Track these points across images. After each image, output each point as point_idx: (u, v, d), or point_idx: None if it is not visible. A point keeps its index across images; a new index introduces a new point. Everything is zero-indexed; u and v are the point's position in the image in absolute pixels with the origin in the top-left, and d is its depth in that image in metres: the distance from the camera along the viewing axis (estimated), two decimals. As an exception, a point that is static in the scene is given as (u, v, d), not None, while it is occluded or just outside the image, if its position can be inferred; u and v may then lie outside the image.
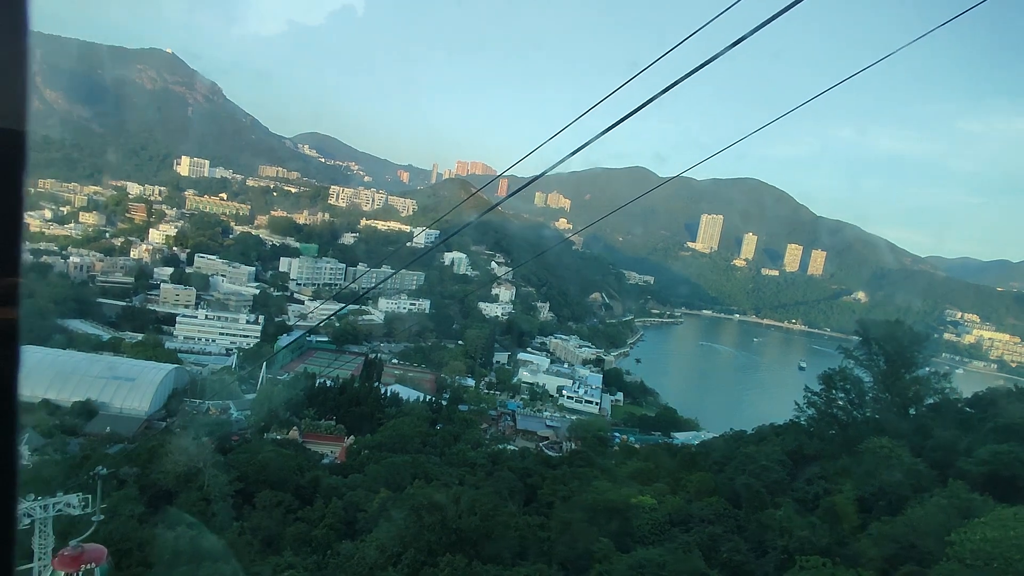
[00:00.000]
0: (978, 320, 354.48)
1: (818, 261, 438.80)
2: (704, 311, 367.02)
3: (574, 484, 33.20)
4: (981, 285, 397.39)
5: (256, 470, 36.93)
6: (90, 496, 24.02)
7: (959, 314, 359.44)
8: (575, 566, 18.46)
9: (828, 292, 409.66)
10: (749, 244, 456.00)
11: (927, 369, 40.90)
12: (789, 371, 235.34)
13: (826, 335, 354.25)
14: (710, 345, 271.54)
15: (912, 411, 40.71)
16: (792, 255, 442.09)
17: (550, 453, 68.40)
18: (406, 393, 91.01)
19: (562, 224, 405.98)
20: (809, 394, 42.19)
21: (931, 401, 39.99)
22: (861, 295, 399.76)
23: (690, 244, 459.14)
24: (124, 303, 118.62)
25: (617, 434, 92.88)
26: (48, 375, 72.52)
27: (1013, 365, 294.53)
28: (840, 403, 41.15)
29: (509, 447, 69.20)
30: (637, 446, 73.69)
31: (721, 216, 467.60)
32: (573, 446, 79.66)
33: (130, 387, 73.17)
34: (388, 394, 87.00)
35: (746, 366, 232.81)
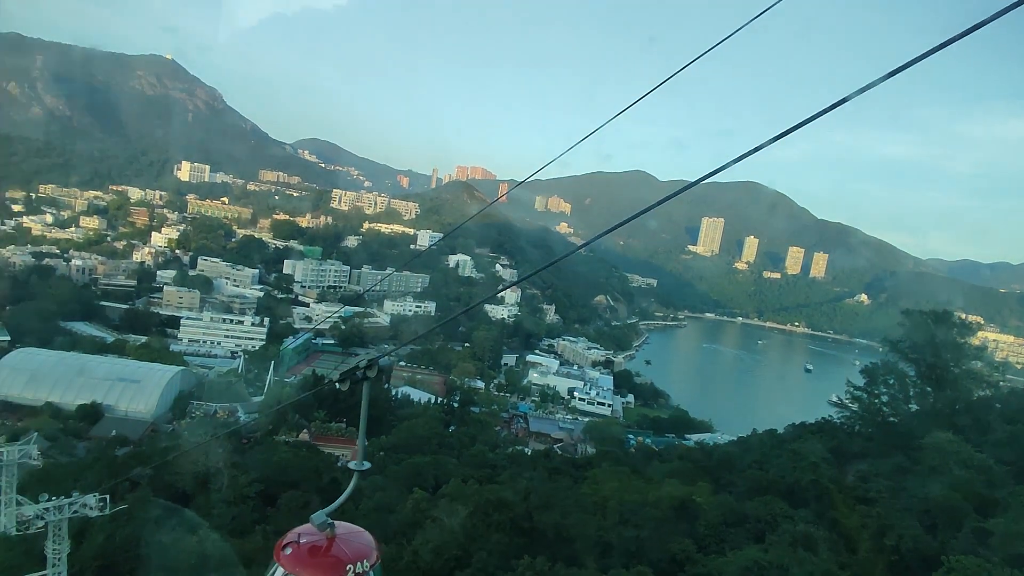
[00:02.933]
0: (982, 322, 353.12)
1: (820, 264, 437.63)
2: (707, 314, 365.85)
3: (614, 484, 31.30)
4: (983, 287, 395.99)
5: (276, 471, 35.10)
6: (107, 497, 22.19)
7: (962, 316, 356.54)
8: (656, 568, 16.70)
9: (830, 295, 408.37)
10: (750, 247, 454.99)
11: (977, 362, 39.15)
12: (796, 373, 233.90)
13: (829, 338, 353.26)
14: (715, 347, 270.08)
15: (958, 406, 38.87)
16: (793, 258, 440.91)
17: (571, 456, 66.42)
18: (416, 395, 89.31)
19: (563, 228, 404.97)
20: (852, 388, 40.37)
21: (980, 395, 38.22)
22: (863, 297, 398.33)
23: (691, 247, 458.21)
24: (127, 306, 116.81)
25: (631, 436, 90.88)
26: (52, 378, 70.72)
27: (1019, 367, 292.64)
28: (884, 398, 39.33)
29: (525, 450, 67.24)
30: (655, 448, 71.84)
31: (722, 219, 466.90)
32: (589, 448, 77.78)
33: (136, 389, 71.32)
34: (399, 396, 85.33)
35: (752, 368, 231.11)
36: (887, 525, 18.33)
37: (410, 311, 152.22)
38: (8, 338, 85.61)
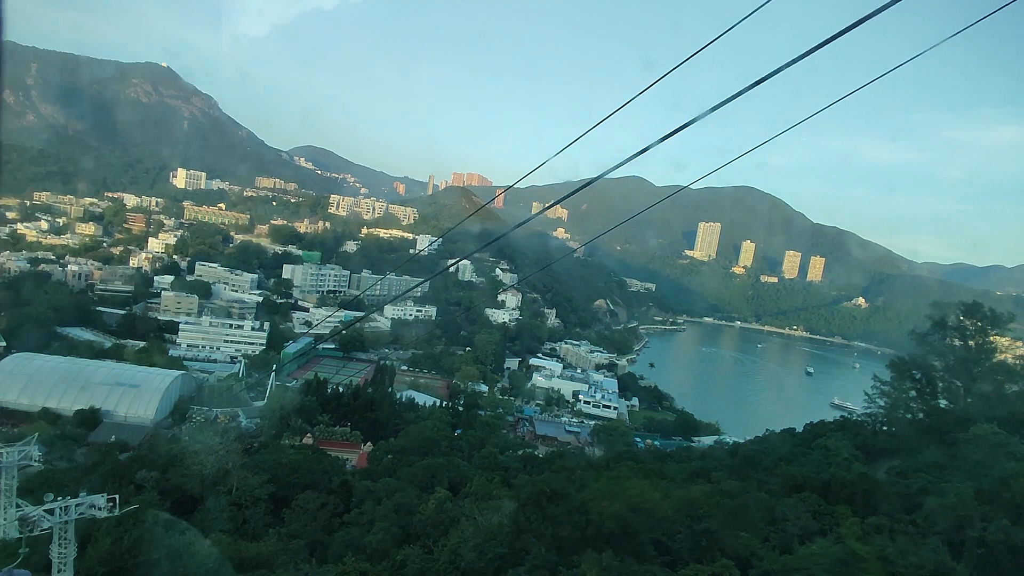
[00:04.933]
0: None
1: (817, 267, 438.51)
2: (705, 318, 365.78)
3: (641, 483, 29.98)
4: (979, 290, 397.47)
5: (286, 472, 33.66)
6: (116, 497, 20.81)
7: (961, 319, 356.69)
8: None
9: (828, 298, 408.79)
10: (747, 251, 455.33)
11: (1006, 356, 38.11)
12: (797, 376, 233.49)
13: (828, 341, 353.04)
14: (715, 351, 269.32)
15: (991, 399, 37.76)
16: (791, 262, 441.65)
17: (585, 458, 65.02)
18: (420, 398, 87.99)
19: (560, 233, 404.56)
20: (879, 384, 39.27)
21: (1014, 389, 37.10)
22: (861, 301, 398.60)
23: (688, 252, 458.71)
24: (124, 311, 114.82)
25: (639, 439, 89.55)
26: (48, 383, 69.01)
27: (1017, 369, 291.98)
28: (913, 394, 38.20)
29: (536, 452, 65.85)
30: (666, 451, 70.65)
31: (718, 224, 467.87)
32: (597, 451, 76.49)
33: (135, 394, 69.60)
34: (403, 399, 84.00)
35: (753, 372, 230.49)
36: (965, 517, 17.05)
37: (411, 316, 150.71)
38: (4, 344, 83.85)
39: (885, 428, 40.72)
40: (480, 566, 15.42)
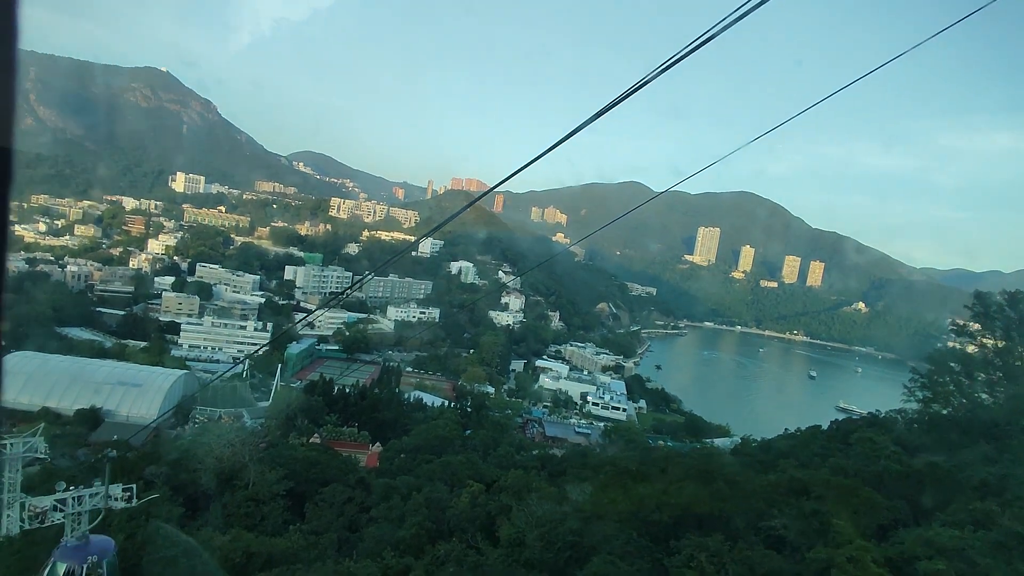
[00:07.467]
0: (980, 329, 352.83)
1: (816, 272, 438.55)
2: (706, 323, 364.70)
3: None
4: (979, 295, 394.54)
5: (303, 467, 32.06)
6: (134, 486, 19.30)
7: (961, 323, 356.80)
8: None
9: (828, 303, 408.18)
10: (747, 256, 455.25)
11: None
12: (800, 380, 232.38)
13: (828, 346, 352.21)
14: (717, 355, 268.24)
15: None
16: (790, 267, 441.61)
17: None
18: (428, 399, 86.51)
19: (559, 238, 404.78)
20: (917, 376, 37.89)
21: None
22: (861, 305, 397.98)
23: (687, 257, 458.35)
24: (124, 312, 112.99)
25: (651, 440, 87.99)
26: (48, 382, 67.23)
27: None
28: (951, 388, 36.80)
29: (553, 452, 64.26)
30: (682, 452, 69.11)
31: (718, 229, 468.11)
32: (611, 454, 74.90)
33: (137, 393, 67.92)
34: (410, 399, 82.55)
35: (757, 375, 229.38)
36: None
37: (414, 317, 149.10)
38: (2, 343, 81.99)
39: (917, 424, 39.37)
40: (548, 556, 13.86)
